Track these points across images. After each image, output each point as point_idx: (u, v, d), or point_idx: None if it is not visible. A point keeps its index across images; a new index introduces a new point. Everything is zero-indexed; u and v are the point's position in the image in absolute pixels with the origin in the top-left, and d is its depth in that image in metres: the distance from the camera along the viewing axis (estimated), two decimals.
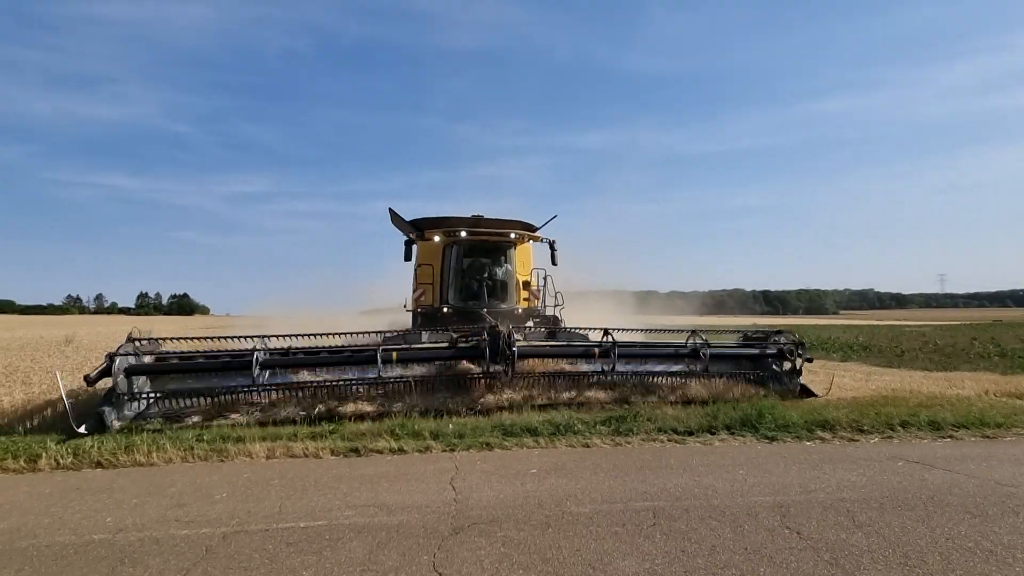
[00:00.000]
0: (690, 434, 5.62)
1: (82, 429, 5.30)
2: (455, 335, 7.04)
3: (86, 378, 5.68)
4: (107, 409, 5.61)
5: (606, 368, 6.95)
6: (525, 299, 10.70)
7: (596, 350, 7.02)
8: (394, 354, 6.48)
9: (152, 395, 6.03)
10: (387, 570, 2.83)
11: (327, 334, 6.95)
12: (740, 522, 3.42)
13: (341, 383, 6.39)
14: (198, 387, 6.12)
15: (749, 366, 7.80)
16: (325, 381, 6.41)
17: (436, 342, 7.24)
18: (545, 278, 10.70)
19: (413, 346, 7.09)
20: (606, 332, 7.18)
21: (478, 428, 5.64)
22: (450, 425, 5.68)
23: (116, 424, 5.63)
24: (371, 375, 6.38)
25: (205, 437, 5.19)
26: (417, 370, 6.68)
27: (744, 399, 6.82)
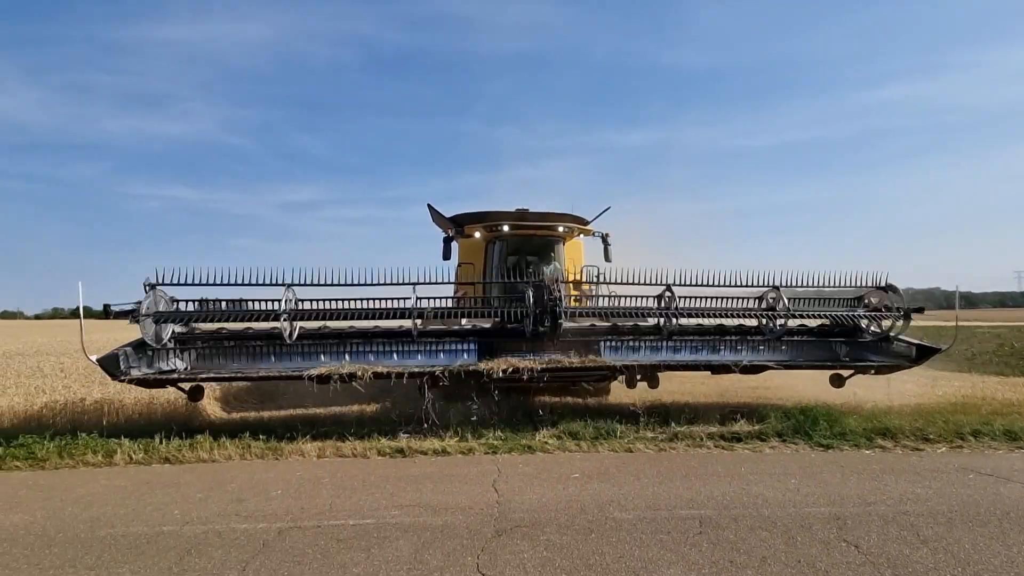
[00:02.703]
0: (738, 440, 5.45)
1: (93, 358, 5.26)
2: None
3: (105, 308, 5.40)
4: (122, 354, 5.35)
5: (663, 329, 6.42)
6: (575, 300, 10.21)
7: (655, 307, 6.43)
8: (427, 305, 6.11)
9: (178, 349, 5.99)
10: (432, 569, 2.90)
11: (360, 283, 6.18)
12: (792, 533, 3.30)
13: (372, 338, 6.33)
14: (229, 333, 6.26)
15: (837, 334, 6.95)
16: (356, 331, 6.35)
17: (475, 326, 6.91)
18: (597, 276, 9.74)
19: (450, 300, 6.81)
20: (668, 288, 6.34)
21: (519, 426, 5.72)
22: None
23: (136, 373, 5.46)
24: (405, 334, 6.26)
25: (261, 435, 5.46)
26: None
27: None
